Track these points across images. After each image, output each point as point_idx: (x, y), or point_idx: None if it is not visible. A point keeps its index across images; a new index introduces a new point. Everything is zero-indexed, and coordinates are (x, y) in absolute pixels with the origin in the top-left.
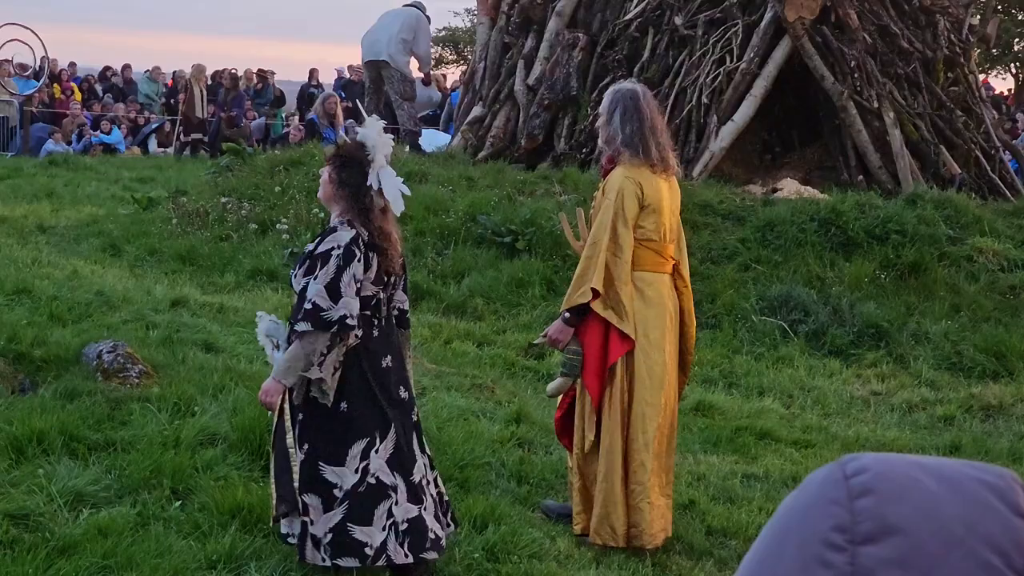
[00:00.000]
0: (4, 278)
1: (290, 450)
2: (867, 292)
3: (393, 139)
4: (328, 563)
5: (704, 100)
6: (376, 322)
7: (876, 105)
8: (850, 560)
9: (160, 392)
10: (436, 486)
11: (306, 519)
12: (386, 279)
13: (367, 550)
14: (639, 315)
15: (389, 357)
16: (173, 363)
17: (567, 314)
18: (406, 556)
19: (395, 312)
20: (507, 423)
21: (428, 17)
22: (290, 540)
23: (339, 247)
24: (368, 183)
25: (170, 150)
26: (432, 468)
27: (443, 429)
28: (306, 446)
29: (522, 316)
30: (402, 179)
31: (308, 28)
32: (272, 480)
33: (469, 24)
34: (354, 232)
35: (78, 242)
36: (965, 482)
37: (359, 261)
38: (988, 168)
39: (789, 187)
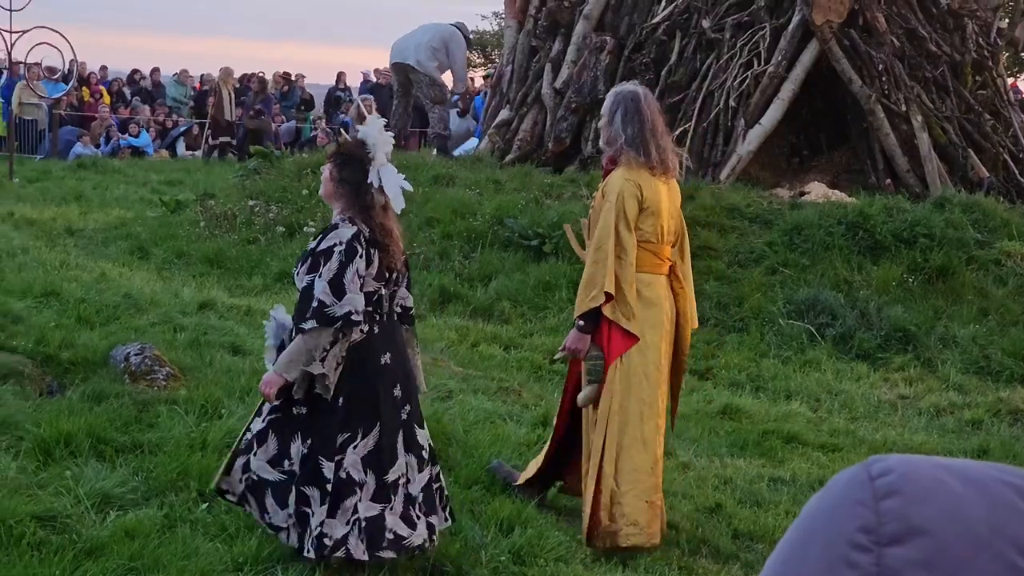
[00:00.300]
0: (33, 280)
1: (246, 434)
2: (895, 296)
3: (393, 136)
4: (312, 555)
5: (731, 103)
6: (377, 318)
7: (904, 108)
8: (876, 561)
9: (187, 395)
10: (435, 481)
11: (308, 510)
12: (388, 275)
13: (326, 540)
14: (638, 316)
15: (388, 355)
16: (200, 366)
17: (581, 322)
18: (364, 553)
19: (398, 309)
20: (534, 426)
21: (468, 38)
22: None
23: (341, 243)
24: (368, 181)
25: (198, 153)
26: (431, 464)
27: (470, 432)
28: (310, 441)
29: (549, 319)
30: (404, 176)
31: (334, 31)
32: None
33: (497, 27)
34: (355, 229)
35: (106, 245)
36: (991, 484)
37: (361, 257)
38: (1016, 172)
39: (817, 190)
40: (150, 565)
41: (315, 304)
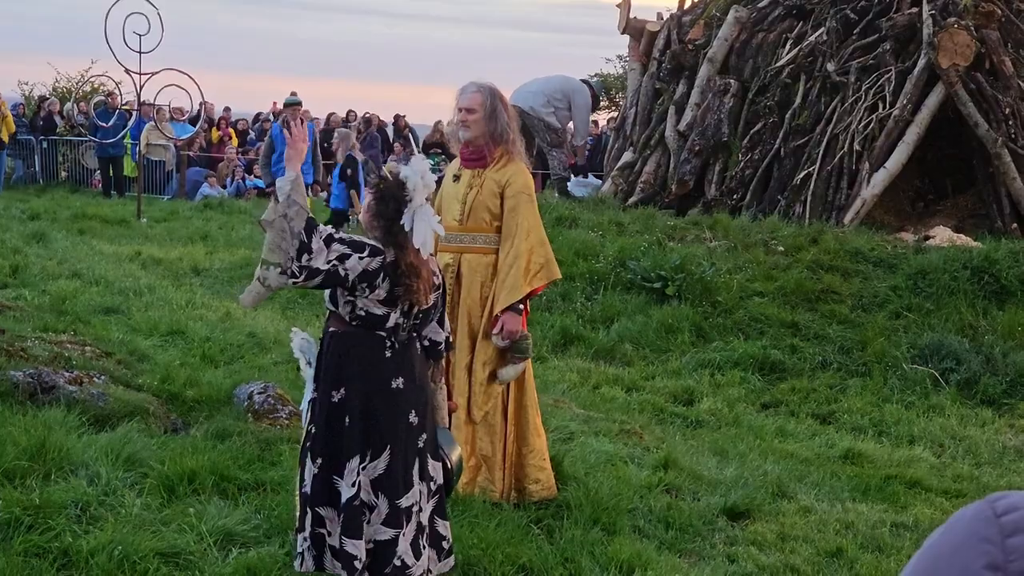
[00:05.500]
0: (159, 319)
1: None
2: (1021, 341)
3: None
4: (342, 573)
5: (856, 147)
6: (389, 343)
7: None
8: None
9: None
10: (442, 517)
11: (323, 531)
12: (406, 308)
13: (356, 563)
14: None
15: (401, 379)
16: None
17: (521, 305)
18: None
19: (426, 343)
20: (655, 469)
21: (597, 97)
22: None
23: (361, 239)
24: (401, 222)
25: (323, 194)
26: (436, 497)
27: (590, 474)
28: (320, 460)
29: (671, 362)
30: (438, 218)
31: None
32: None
33: (620, 70)
34: (382, 251)
35: (231, 284)
36: None
37: (360, 260)
38: None
39: (941, 235)
40: None
41: (318, 226)
